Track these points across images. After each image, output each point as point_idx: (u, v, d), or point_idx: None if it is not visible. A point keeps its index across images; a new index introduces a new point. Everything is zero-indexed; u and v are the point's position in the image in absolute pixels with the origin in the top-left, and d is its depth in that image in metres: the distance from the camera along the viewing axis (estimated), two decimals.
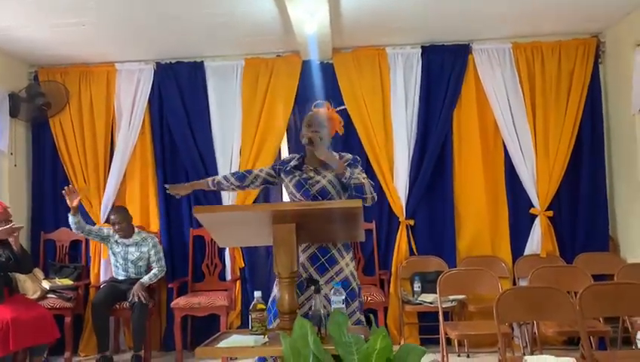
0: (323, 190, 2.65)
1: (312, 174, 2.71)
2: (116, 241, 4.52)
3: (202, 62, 4.92)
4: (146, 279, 4.37)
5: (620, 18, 4.36)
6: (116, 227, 4.45)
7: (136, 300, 4.20)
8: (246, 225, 2.25)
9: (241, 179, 2.89)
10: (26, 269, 4.09)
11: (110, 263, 4.64)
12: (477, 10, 4.08)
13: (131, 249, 4.50)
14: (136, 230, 4.57)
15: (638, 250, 4.29)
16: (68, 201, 4.23)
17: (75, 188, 4.32)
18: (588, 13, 4.25)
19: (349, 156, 2.78)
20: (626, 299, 2.98)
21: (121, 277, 4.51)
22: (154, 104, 4.95)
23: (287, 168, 2.78)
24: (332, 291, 2.15)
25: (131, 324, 4.32)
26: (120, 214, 4.51)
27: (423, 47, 4.77)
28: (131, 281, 4.40)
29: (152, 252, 4.52)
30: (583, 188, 4.63)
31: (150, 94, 4.93)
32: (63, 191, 4.22)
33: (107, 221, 4.73)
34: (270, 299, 2.59)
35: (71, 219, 4.34)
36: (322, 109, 2.84)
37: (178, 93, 4.90)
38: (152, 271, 4.48)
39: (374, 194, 2.68)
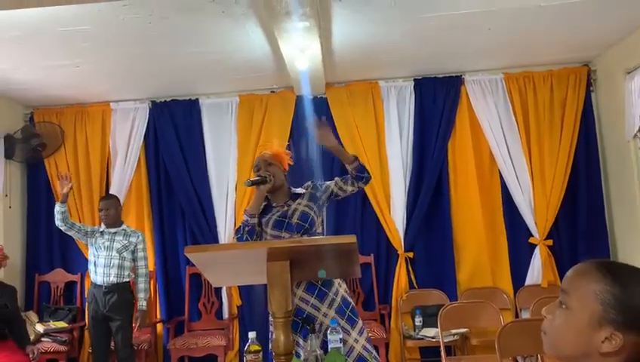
0: (303, 214, 2.68)
1: (284, 209, 2.73)
2: (101, 233, 4.13)
3: (197, 99, 4.95)
4: (143, 304, 4.05)
5: (609, 46, 4.41)
6: (103, 213, 4.11)
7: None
8: (239, 264, 2.20)
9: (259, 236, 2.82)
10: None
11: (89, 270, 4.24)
12: (467, 42, 4.13)
13: (118, 237, 4.10)
14: (124, 224, 4.29)
15: None
16: (59, 187, 4.06)
17: (69, 176, 4.13)
18: (578, 43, 4.31)
19: (309, 183, 2.87)
20: None
21: (99, 282, 4.01)
22: (149, 142, 4.96)
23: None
24: (329, 331, 2.10)
25: None
26: (110, 201, 4.19)
27: (415, 79, 4.81)
28: (111, 289, 3.97)
29: (140, 246, 4.15)
30: (582, 216, 4.60)
31: (145, 132, 4.95)
32: (59, 177, 4.17)
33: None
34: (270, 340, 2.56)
35: (58, 207, 4.04)
36: (267, 149, 2.89)
37: (173, 130, 4.92)
38: (139, 287, 4.09)
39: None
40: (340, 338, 2.09)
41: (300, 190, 2.83)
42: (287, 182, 2.85)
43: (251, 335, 2.10)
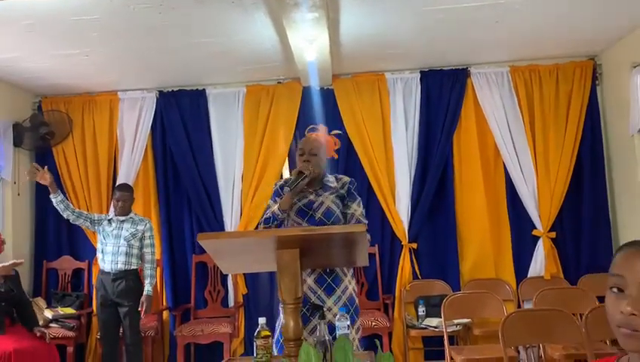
0: (328, 212, 2.66)
1: (312, 197, 2.71)
2: (109, 221, 4.18)
3: (204, 89, 4.98)
4: (149, 289, 4.09)
5: (615, 41, 4.42)
6: (120, 203, 4.14)
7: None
8: (250, 252, 2.25)
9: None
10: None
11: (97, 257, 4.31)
12: (474, 35, 4.15)
13: (126, 225, 4.15)
14: (132, 212, 4.31)
15: None
16: (42, 181, 3.98)
17: (40, 167, 4.00)
18: (584, 37, 4.32)
19: (347, 179, 2.78)
20: None
21: (107, 269, 4.08)
22: (156, 131, 5.00)
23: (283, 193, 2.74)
24: (337, 317, 2.15)
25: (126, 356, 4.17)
26: (128, 193, 4.23)
27: (421, 71, 4.83)
28: (119, 276, 4.04)
29: (148, 234, 4.19)
30: (585, 209, 4.63)
31: (153, 122, 4.99)
32: (27, 175, 4.07)
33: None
34: (277, 328, 2.61)
35: (54, 199, 4.04)
36: (314, 134, 2.87)
37: (180, 120, 4.95)
38: (146, 273, 4.14)
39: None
40: (348, 325, 2.13)
41: (332, 181, 2.75)
42: (323, 171, 2.79)
43: (261, 320, 2.14)
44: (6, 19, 3.43)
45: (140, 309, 4.06)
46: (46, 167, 4.08)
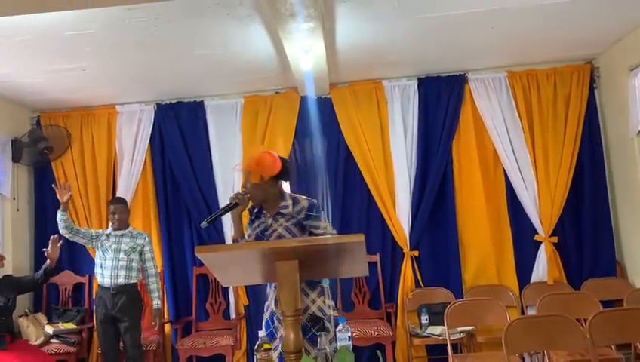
0: (278, 238, 2.65)
1: (270, 222, 2.71)
2: (107, 236, 4.14)
3: (202, 101, 4.98)
4: (157, 303, 4.11)
5: (612, 44, 4.42)
6: (116, 216, 4.12)
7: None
8: (249, 264, 2.23)
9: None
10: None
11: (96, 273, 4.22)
12: (470, 41, 4.15)
13: (125, 239, 4.12)
14: (130, 226, 4.30)
15: None
16: (59, 196, 4.00)
17: (69, 185, 4.08)
18: (580, 41, 4.32)
19: (305, 204, 2.66)
20: (637, 325, 2.94)
21: (107, 284, 4.03)
22: (155, 144, 5.00)
23: (252, 218, 2.76)
24: (338, 329, 2.13)
25: None
26: (122, 205, 4.22)
27: (419, 78, 4.83)
28: (119, 291, 4.00)
29: (147, 248, 4.18)
30: (587, 213, 4.61)
31: (151, 134, 4.99)
32: (53, 186, 4.09)
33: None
34: (266, 310, 2.75)
35: (60, 215, 4.02)
36: (248, 157, 2.69)
37: (179, 132, 4.95)
38: (151, 287, 4.14)
39: None
40: (349, 336, 2.11)
41: (288, 205, 2.67)
42: (279, 192, 2.68)
43: (261, 333, 2.12)
44: (1, 36, 3.43)
45: (152, 324, 4.09)
46: (69, 184, 4.12)
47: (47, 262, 3.85)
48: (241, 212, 2.65)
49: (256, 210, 2.74)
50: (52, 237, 3.88)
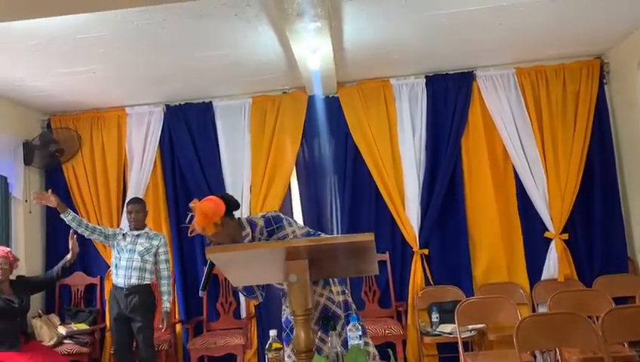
0: None
1: None
2: (124, 235, 4.18)
3: (211, 102, 5.01)
4: (167, 306, 4.13)
5: (622, 39, 4.39)
6: (132, 216, 4.17)
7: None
8: (259, 264, 2.24)
9: None
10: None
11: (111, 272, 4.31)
12: (478, 38, 4.14)
13: (141, 240, 4.15)
14: (147, 226, 4.33)
15: None
16: (49, 204, 4.04)
17: (43, 195, 4.08)
18: (589, 36, 4.29)
19: (261, 224, 2.57)
20: None
21: (120, 284, 4.07)
22: (164, 145, 5.03)
23: None
24: (348, 327, 2.14)
25: None
26: (140, 205, 4.25)
27: (426, 76, 4.82)
28: (132, 291, 4.03)
29: (162, 249, 4.20)
30: (597, 209, 4.58)
31: (161, 136, 5.02)
32: (33, 199, 4.13)
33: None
34: (283, 321, 2.70)
35: (65, 218, 4.05)
36: (196, 216, 2.50)
37: (188, 133, 4.98)
38: (163, 289, 4.16)
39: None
40: (360, 335, 2.12)
41: (248, 234, 2.57)
42: (235, 223, 2.56)
43: (272, 333, 2.13)
44: (12, 40, 3.47)
45: (160, 326, 4.10)
46: (50, 190, 4.15)
47: (68, 256, 4.02)
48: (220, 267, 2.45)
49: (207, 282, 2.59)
50: (70, 231, 4.05)
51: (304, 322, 2.08)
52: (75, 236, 4.03)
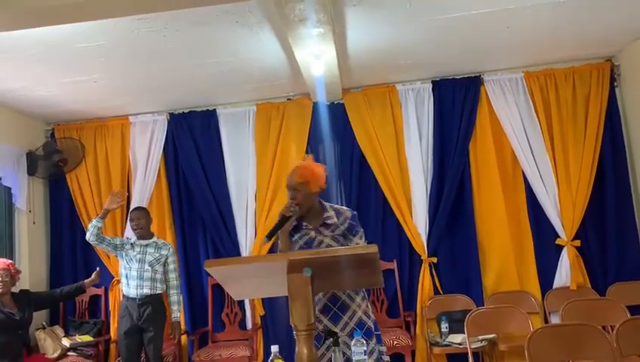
0: (328, 248, 2.56)
1: (312, 234, 2.61)
2: (132, 244, 4.14)
3: (214, 110, 4.96)
4: (177, 315, 4.14)
5: (633, 41, 4.29)
6: (135, 223, 4.15)
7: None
8: (260, 277, 2.17)
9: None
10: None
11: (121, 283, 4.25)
12: (485, 42, 4.06)
13: (150, 249, 4.13)
14: (154, 236, 4.32)
15: None
16: (107, 202, 4.04)
17: (123, 193, 4.23)
18: (599, 38, 4.20)
19: (348, 214, 2.62)
20: None
21: (132, 294, 4.04)
22: (169, 153, 4.99)
23: (290, 231, 2.63)
24: (353, 342, 2.06)
25: None
26: (142, 212, 4.24)
27: (433, 81, 4.75)
28: (146, 302, 4.01)
29: (170, 259, 4.19)
30: (610, 215, 4.47)
31: (164, 144, 4.98)
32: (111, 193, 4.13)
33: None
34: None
35: (96, 222, 4.02)
36: (300, 165, 2.62)
37: (192, 141, 4.93)
38: (172, 299, 4.16)
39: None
40: (365, 351, 2.04)
41: (332, 216, 2.62)
42: (319, 204, 2.63)
43: (274, 349, 2.06)
44: (14, 50, 3.45)
45: (171, 336, 4.11)
46: (125, 192, 4.32)
47: (84, 282, 4.20)
48: (289, 227, 2.56)
49: (295, 223, 2.64)
50: (97, 269, 4.29)
51: (307, 338, 2.00)
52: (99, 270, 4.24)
